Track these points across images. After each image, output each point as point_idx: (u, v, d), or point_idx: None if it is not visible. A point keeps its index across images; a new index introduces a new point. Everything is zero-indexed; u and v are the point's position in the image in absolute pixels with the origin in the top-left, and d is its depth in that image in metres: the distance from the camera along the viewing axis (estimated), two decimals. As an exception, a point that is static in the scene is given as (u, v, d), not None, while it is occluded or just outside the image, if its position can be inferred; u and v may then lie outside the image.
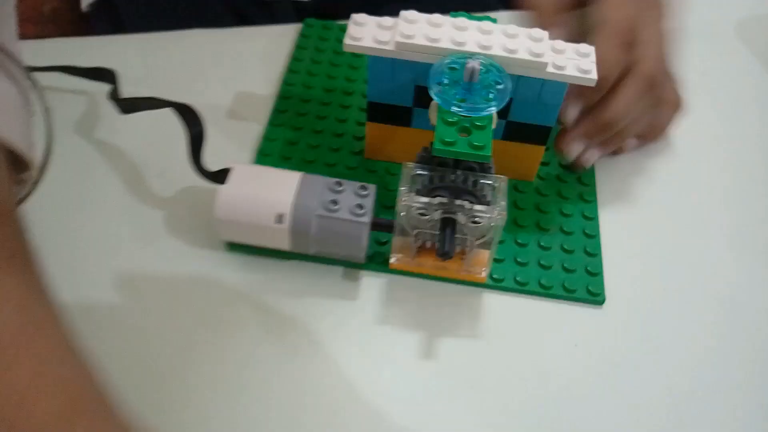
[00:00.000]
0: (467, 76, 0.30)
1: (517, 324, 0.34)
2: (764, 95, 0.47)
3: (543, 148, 0.37)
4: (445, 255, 0.30)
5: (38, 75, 0.40)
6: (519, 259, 0.35)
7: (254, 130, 0.41)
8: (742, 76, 0.48)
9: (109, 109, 0.38)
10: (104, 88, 0.40)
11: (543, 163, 0.40)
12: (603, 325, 0.34)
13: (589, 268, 0.35)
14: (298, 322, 0.33)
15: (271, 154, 0.39)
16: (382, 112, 0.36)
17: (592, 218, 0.37)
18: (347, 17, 0.34)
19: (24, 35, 0.72)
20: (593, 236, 0.37)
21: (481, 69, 0.31)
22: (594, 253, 0.36)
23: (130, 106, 0.36)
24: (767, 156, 0.42)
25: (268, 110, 0.41)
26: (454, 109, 0.30)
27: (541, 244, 0.36)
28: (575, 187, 0.39)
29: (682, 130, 0.42)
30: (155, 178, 0.38)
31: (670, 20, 0.37)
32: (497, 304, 0.34)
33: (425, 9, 0.34)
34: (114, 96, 0.37)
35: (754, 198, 0.40)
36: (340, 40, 0.45)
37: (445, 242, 0.30)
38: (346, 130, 0.40)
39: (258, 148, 0.39)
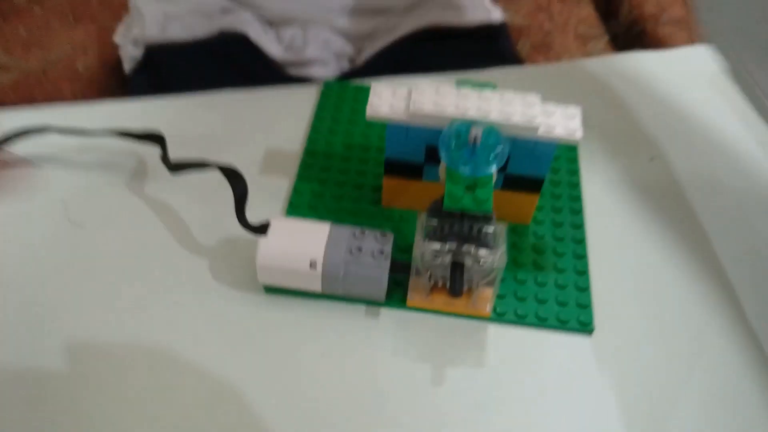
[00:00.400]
0: (471, 141, 0.36)
1: (518, 352, 0.39)
2: (738, 141, 0.52)
3: (537, 195, 0.42)
4: (455, 293, 0.35)
5: (93, 138, 0.46)
6: (518, 295, 0.40)
7: (284, 183, 0.46)
8: (715, 123, 0.53)
9: (158, 168, 0.44)
10: (151, 148, 0.45)
11: (538, 208, 0.45)
12: (592, 351, 0.39)
13: (579, 302, 0.40)
14: (326, 353, 0.38)
15: (300, 205, 0.44)
16: (397, 168, 0.41)
17: (582, 256, 0.43)
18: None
19: (60, 94, 0.79)
20: (583, 273, 0.42)
21: (482, 134, 0.36)
22: (584, 288, 0.41)
23: (179, 167, 0.41)
24: (748, 195, 0.48)
25: (295, 165, 0.47)
26: (461, 169, 0.35)
27: (538, 280, 0.41)
28: (567, 229, 0.44)
29: (664, 176, 0.48)
30: (200, 229, 0.43)
31: None
32: (500, 335, 0.39)
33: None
34: (164, 158, 0.42)
35: (736, 238, 0.45)
36: (356, 100, 0.51)
37: (455, 283, 0.35)
38: (364, 182, 0.46)
39: (288, 199, 0.45)
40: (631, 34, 0.76)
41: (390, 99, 0.39)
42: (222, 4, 0.64)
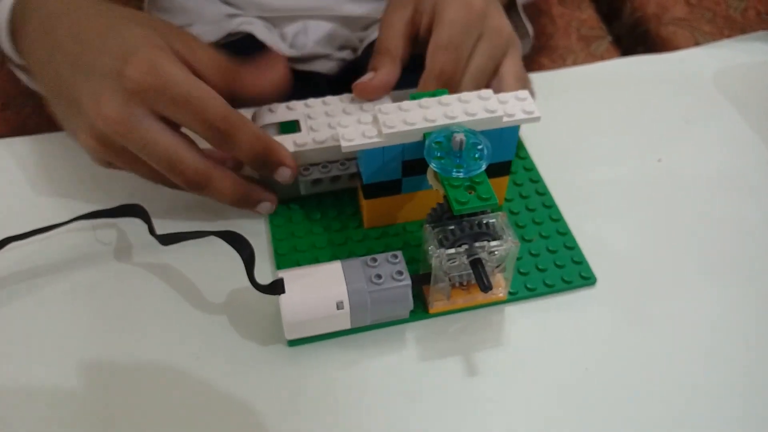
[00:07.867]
0: (456, 146, 0.37)
1: (536, 322, 0.41)
2: (739, 139, 0.54)
3: (507, 177, 0.45)
4: (486, 289, 0.37)
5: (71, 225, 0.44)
6: (522, 270, 0.43)
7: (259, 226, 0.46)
8: (719, 123, 0.55)
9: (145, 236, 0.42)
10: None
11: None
12: (599, 300, 0.42)
13: (574, 259, 0.44)
14: (363, 386, 0.39)
15: (285, 253, 0.44)
16: (377, 189, 0.42)
17: (558, 219, 0.46)
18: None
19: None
20: (565, 233, 0.45)
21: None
22: (572, 246, 0.44)
23: (171, 239, 0.40)
24: (742, 196, 0.49)
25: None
26: (455, 174, 0.37)
27: (532, 252, 0.44)
28: (535, 198, 0.47)
29: (662, 171, 0.51)
30: (208, 292, 0.43)
31: None
32: (517, 313, 0.42)
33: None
34: (152, 231, 0.41)
35: (729, 232, 0.47)
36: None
37: (483, 279, 0.37)
38: (338, 211, 0.46)
39: (272, 248, 0.44)
40: (634, 34, 0.79)
41: (358, 126, 0.40)
42: (225, 11, 0.64)
